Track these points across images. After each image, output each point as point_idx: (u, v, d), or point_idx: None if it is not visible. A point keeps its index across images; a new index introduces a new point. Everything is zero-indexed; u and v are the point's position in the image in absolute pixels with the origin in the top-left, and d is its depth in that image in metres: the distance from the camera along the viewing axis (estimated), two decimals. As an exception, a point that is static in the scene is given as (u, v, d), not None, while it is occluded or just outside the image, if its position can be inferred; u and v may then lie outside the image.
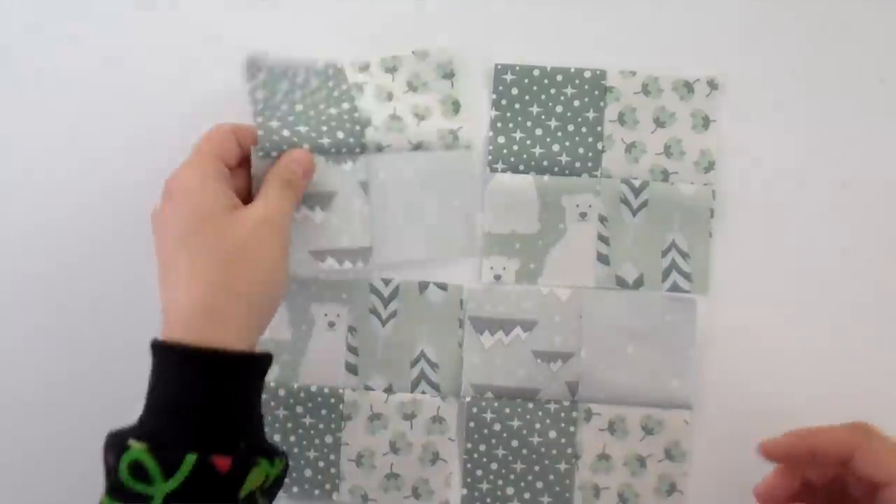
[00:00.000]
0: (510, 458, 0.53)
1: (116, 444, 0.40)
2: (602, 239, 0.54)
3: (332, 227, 0.52)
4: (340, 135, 0.52)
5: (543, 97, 0.54)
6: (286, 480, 0.53)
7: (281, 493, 0.52)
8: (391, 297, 0.54)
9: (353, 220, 0.52)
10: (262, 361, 0.44)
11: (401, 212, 0.53)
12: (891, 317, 0.54)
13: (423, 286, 0.54)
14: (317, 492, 0.53)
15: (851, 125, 0.54)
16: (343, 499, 0.53)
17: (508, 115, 0.54)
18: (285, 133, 0.50)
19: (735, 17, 0.54)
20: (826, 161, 0.54)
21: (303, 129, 0.51)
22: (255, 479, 0.41)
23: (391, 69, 0.54)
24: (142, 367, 0.52)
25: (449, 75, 0.54)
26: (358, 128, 0.52)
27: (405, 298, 0.54)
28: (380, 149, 0.53)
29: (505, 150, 0.54)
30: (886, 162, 0.54)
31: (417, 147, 0.53)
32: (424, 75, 0.54)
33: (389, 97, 0.54)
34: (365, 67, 0.54)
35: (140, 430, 0.40)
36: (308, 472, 0.53)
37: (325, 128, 0.51)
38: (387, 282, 0.54)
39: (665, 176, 0.54)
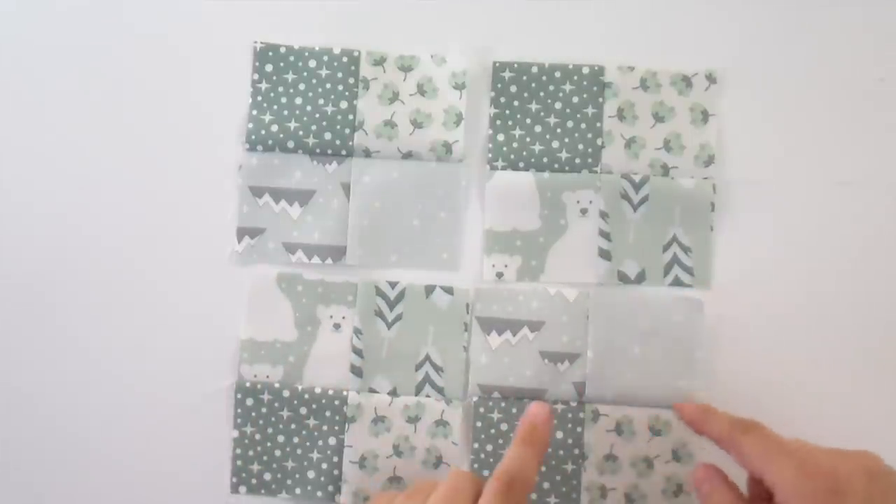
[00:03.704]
0: (515, 459, 0.52)
1: None
2: (603, 235, 0.53)
3: (307, 223, 0.54)
4: (328, 136, 0.54)
5: (542, 94, 0.54)
6: (288, 482, 0.53)
7: (283, 495, 0.53)
8: (397, 299, 0.54)
9: (329, 219, 0.53)
10: None
11: (382, 217, 0.54)
12: (894, 309, 0.53)
13: (430, 290, 0.53)
14: (319, 493, 0.53)
15: (850, 119, 0.53)
16: (345, 501, 0.53)
17: (507, 112, 0.54)
18: (274, 129, 0.53)
19: (733, 10, 0.54)
20: (826, 153, 0.53)
21: (293, 125, 0.53)
22: None
23: (405, 68, 0.55)
24: (140, 366, 0.54)
25: (460, 86, 0.54)
26: (348, 130, 0.53)
27: (411, 301, 0.54)
28: (367, 154, 0.54)
29: (504, 148, 0.54)
30: (886, 155, 0.53)
31: (407, 156, 0.54)
32: (437, 81, 0.54)
33: (393, 98, 0.54)
34: (380, 61, 0.54)
35: None
36: (311, 474, 0.53)
37: (314, 126, 0.53)
38: (392, 284, 0.54)
39: (665, 170, 0.53)
